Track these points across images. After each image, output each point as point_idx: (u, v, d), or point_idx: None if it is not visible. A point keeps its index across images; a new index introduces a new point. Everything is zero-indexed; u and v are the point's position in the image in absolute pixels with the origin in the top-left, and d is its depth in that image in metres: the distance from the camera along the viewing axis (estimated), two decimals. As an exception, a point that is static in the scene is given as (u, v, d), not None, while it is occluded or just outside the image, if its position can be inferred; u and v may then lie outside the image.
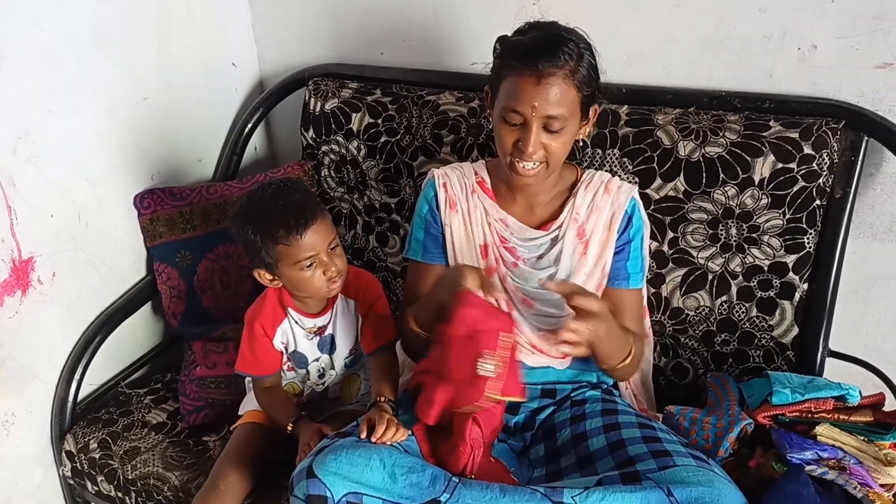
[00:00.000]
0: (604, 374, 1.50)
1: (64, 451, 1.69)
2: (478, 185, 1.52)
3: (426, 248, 1.54)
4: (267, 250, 1.37)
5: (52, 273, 1.66)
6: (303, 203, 1.37)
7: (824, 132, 1.48)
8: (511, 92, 1.31)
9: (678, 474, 1.16)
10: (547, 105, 1.28)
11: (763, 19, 1.56)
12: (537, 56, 1.27)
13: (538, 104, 1.28)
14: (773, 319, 1.56)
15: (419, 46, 1.92)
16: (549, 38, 1.30)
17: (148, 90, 1.83)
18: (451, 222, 1.51)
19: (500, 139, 1.36)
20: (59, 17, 1.59)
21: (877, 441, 1.31)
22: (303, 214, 1.35)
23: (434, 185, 1.53)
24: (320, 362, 1.54)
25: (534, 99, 1.28)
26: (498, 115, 1.35)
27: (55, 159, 1.62)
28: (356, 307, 1.52)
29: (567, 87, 1.29)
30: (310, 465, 1.17)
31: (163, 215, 1.81)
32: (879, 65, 1.50)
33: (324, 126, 1.92)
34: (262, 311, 1.49)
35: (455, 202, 1.51)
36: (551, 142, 1.32)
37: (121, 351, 1.85)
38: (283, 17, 2.08)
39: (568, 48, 1.28)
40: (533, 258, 1.48)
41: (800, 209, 1.50)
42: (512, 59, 1.31)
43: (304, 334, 1.51)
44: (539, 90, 1.28)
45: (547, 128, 1.31)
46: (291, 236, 1.35)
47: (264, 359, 1.50)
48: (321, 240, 1.37)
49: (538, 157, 1.34)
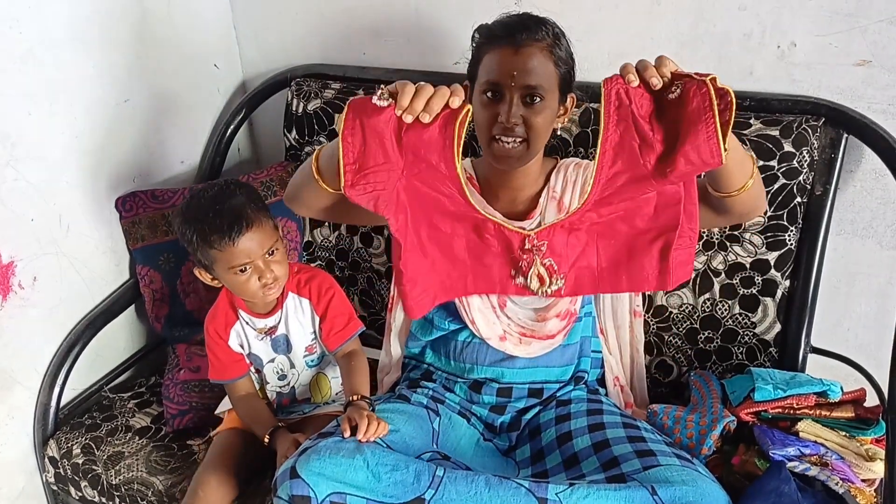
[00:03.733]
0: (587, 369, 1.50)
1: (47, 457, 1.68)
2: (468, 181, 1.50)
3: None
4: (203, 252, 1.38)
5: (34, 277, 1.65)
6: (240, 208, 1.37)
7: (804, 130, 1.49)
8: (490, 67, 1.31)
9: (662, 473, 1.16)
10: (525, 75, 1.28)
11: (742, 17, 1.56)
12: (516, 30, 1.29)
13: (517, 73, 1.28)
14: (755, 316, 1.57)
15: (401, 46, 1.92)
16: (526, 17, 1.33)
17: (128, 92, 1.81)
18: None
19: (480, 118, 1.34)
20: (37, 18, 1.57)
21: (858, 437, 1.32)
22: (238, 220, 1.35)
23: None
24: (277, 363, 1.55)
25: (512, 68, 1.28)
26: (477, 95, 1.34)
27: (34, 162, 1.61)
28: (311, 307, 1.52)
29: (545, 60, 1.30)
30: (293, 465, 1.16)
31: (145, 218, 1.80)
32: (858, 62, 1.51)
33: (307, 127, 1.92)
34: (216, 314, 1.51)
35: None
36: (530, 116, 1.30)
37: (104, 355, 1.84)
38: (265, 17, 2.07)
39: (546, 27, 1.31)
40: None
41: (781, 206, 1.51)
42: (490, 37, 1.32)
43: (256, 335, 1.52)
44: (517, 59, 1.28)
45: (525, 100, 1.30)
46: (224, 242, 1.35)
47: (228, 361, 1.51)
48: (256, 247, 1.38)
49: (519, 131, 1.31)
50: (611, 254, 1.32)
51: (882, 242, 1.61)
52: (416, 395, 1.46)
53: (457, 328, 1.49)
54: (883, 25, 1.46)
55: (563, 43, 1.33)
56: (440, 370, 1.52)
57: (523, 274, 1.35)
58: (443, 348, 1.51)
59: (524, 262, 1.34)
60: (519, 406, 1.47)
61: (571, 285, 1.36)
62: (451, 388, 1.50)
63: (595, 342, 1.54)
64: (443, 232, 1.31)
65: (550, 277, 1.35)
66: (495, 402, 1.47)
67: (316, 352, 1.56)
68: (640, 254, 1.30)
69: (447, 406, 1.46)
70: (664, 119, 1.12)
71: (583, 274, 1.35)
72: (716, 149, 1.07)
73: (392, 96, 1.10)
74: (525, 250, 1.33)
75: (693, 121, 1.07)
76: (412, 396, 1.45)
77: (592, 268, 1.34)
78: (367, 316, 1.93)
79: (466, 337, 1.48)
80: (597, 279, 1.35)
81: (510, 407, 1.47)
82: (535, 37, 1.29)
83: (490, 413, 1.47)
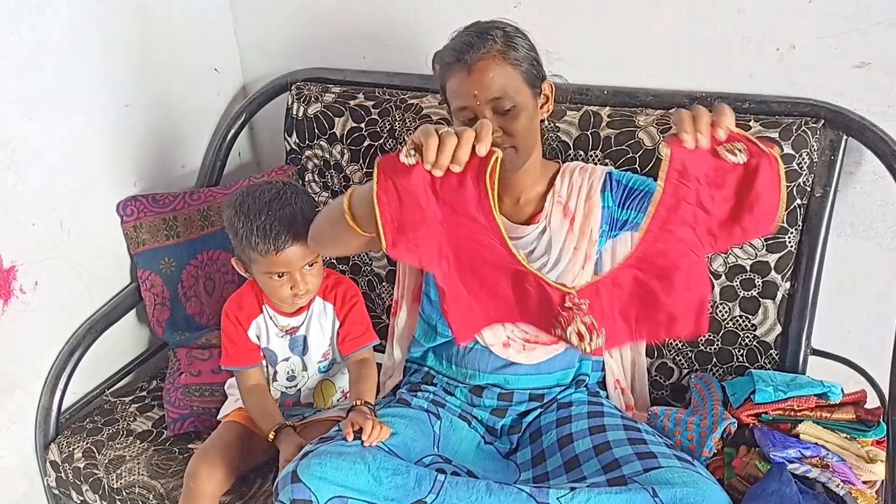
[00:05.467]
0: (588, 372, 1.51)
1: (48, 461, 1.68)
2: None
3: None
4: (244, 250, 1.41)
5: (35, 282, 1.65)
6: (291, 218, 1.38)
7: (804, 132, 1.49)
8: (453, 92, 1.33)
9: (663, 475, 1.17)
10: (485, 90, 1.29)
11: (741, 20, 1.56)
12: (463, 50, 1.30)
13: (478, 92, 1.29)
14: (756, 318, 1.57)
15: (401, 50, 1.92)
16: (469, 32, 1.33)
17: (129, 97, 1.82)
18: None
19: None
20: (38, 24, 1.58)
21: (859, 438, 1.32)
22: (286, 231, 1.37)
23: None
24: (290, 363, 1.56)
25: (472, 89, 1.29)
26: (454, 120, 1.37)
27: (35, 167, 1.61)
28: (334, 311, 1.53)
29: (501, 67, 1.30)
30: (294, 469, 1.17)
31: (146, 222, 1.80)
32: (857, 64, 1.51)
33: (307, 131, 1.92)
34: (241, 303, 1.52)
35: None
36: (508, 124, 1.31)
37: (105, 359, 1.84)
38: (266, 22, 2.07)
39: (490, 34, 1.31)
40: (524, 253, 1.46)
41: (781, 208, 1.51)
42: (444, 64, 1.35)
43: (277, 332, 1.53)
44: (473, 78, 1.29)
45: (497, 111, 1.31)
46: (268, 248, 1.37)
47: (244, 349, 1.52)
48: (297, 259, 1.40)
49: (503, 141, 1.32)
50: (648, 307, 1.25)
51: (882, 244, 1.61)
52: (417, 398, 1.46)
53: None
54: (882, 28, 1.46)
55: (518, 41, 1.33)
56: (441, 374, 1.52)
57: (562, 328, 1.27)
58: (444, 353, 1.51)
59: (563, 318, 1.26)
60: (520, 409, 1.47)
61: (610, 339, 1.27)
62: (451, 391, 1.50)
63: None
64: (486, 278, 1.26)
65: (591, 335, 1.26)
66: (496, 406, 1.47)
67: (329, 358, 1.58)
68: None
69: (448, 409, 1.46)
70: (723, 185, 1.07)
71: (620, 327, 1.26)
72: (773, 223, 1.07)
73: (418, 150, 1.08)
74: (565, 308, 1.24)
75: (761, 197, 1.05)
76: (413, 400, 1.45)
77: (630, 321, 1.26)
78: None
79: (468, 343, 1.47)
80: (633, 332, 1.26)
81: (511, 410, 1.47)
82: (482, 51, 1.29)
83: (491, 416, 1.47)
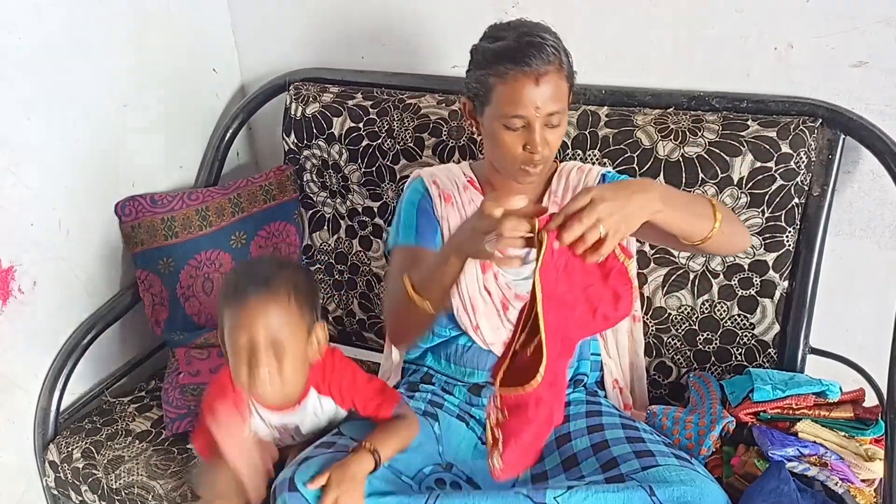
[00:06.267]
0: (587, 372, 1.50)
1: (47, 462, 1.68)
2: (468, 184, 1.49)
3: (419, 232, 1.42)
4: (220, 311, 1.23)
5: (33, 282, 1.65)
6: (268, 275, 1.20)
7: (801, 131, 1.49)
8: (510, 98, 1.27)
9: (661, 473, 1.17)
10: (548, 103, 1.27)
11: (739, 19, 1.57)
12: (530, 56, 1.24)
13: (541, 104, 1.26)
14: (754, 317, 1.57)
15: (399, 50, 1.92)
16: (531, 37, 1.28)
17: (127, 97, 1.82)
18: (447, 215, 1.44)
19: (505, 147, 1.31)
20: (36, 24, 1.58)
21: (857, 437, 1.32)
22: (258, 284, 1.19)
23: (423, 181, 1.48)
24: (277, 436, 1.39)
25: (536, 100, 1.26)
26: (496, 123, 1.31)
27: (34, 167, 1.61)
28: (334, 404, 1.35)
29: (560, 81, 1.29)
30: (291, 476, 1.17)
31: (144, 222, 1.80)
32: (855, 63, 1.51)
33: (305, 131, 1.92)
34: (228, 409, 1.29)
35: (449, 196, 1.46)
36: (550, 136, 1.31)
37: (104, 359, 1.84)
38: (264, 22, 2.07)
39: (552, 43, 1.28)
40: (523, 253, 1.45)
41: (778, 208, 1.51)
42: (501, 64, 1.27)
43: (264, 425, 1.35)
44: (539, 90, 1.26)
45: (548, 124, 1.30)
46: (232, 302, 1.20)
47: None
48: (255, 326, 1.18)
49: (545, 154, 1.32)
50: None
51: (880, 243, 1.61)
52: (415, 400, 1.46)
53: (457, 334, 1.48)
54: (880, 27, 1.47)
55: (566, 52, 1.31)
56: (440, 373, 1.52)
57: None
58: (443, 352, 1.51)
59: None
60: None
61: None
62: (450, 390, 1.49)
63: (594, 345, 1.54)
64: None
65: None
66: None
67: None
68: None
69: (446, 410, 1.46)
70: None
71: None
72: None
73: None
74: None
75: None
76: (410, 403, 1.45)
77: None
78: (367, 319, 1.93)
79: (467, 341, 1.47)
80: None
81: None
82: (548, 59, 1.25)
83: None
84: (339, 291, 1.95)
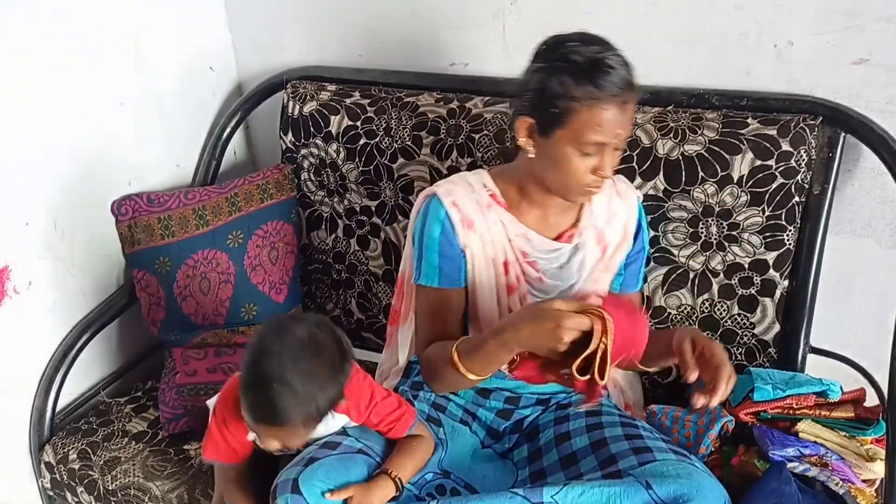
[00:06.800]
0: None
1: (43, 463, 1.67)
2: (491, 199, 1.39)
3: (444, 273, 1.38)
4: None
5: (29, 282, 1.64)
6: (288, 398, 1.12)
7: (802, 129, 1.49)
8: (594, 124, 1.21)
9: (658, 468, 1.18)
10: (627, 126, 1.25)
11: (739, 16, 1.56)
12: (621, 84, 1.20)
13: (621, 131, 1.23)
14: (754, 317, 1.57)
15: (397, 48, 1.91)
16: (612, 58, 1.21)
17: (123, 95, 1.81)
18: (469, 243, 1.37)
19: (576, 172, 1.26)
20: (30, 22, 1.57)
21: (858, 437, 1.32)
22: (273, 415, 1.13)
23: (442, 204, 1.36)
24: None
25: (618, 126, 1.22)
26: (569, 148, 1.24)
27: (29, 166, 1.60)
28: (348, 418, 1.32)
29: (634, 105, 1.26)
30: (296, 477, 1.16)
31: (140, 222, 1.79)
32: (855, 61, 1.50)
33: (303, 129, 1.91)
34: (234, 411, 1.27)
35: (471, 221, 1.36)
36: (616, 157, 1.29)
37: (100, 360, 1.84)
38: (261, 20, 2.06)
39: (629, 65, 1.23)
40: (554, 269, 1.41)
41: (779, 206, 1.51)
42: (586, 89, 1.19)
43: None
44: (622, 116, 1.22)
45: (616, 147, 1.27)
46: (253, 423, 1.17)
47: (236, 447, 1.32)
48: (277, 438, 1.20)
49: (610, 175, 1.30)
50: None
51: (881, 241, 1.60)
52: (419, 401, 1.45)
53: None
54: (880, 24, 1.46)
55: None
56: None
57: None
58: None
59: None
60: (525, 413, 1.46)
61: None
62: (456, 391, 1.48)
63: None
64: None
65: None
66: (502, 408, 1.46)
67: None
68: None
69: (448, 415, 1.45)
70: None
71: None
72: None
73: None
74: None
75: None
76: (414, 403, 1.44)
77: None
78: (365, 318, 1.92)
79: None
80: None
81: (517, 413, 1.46)
82: (631, 83, 1.21)
83: (496, 418, 1.46)
84: (336, 291, 1.95)
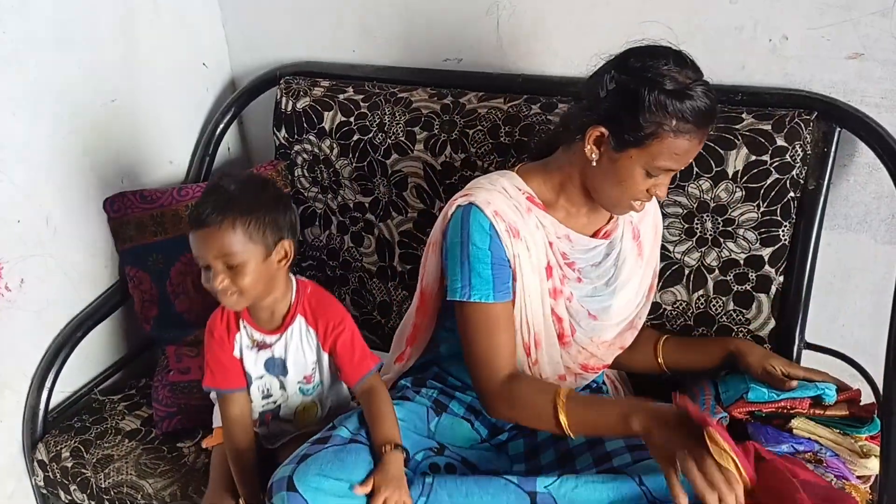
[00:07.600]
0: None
1: (36, 461, 1.67)
2: (528, 202, 1.35)
3: (497, 285, 1.30)
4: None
5: (21, 279, 1.63)
6: (226, 202, 1.24)
7: (797, 124, 1.48)
8: (673, 150, 1.21)
9: (651, 464, 1.19)
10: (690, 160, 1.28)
11: (734, 11, 1.55)
12: (710, 118, 1.22)
13: (692, 158, 1.27)
14: (749, 313, 1.56)
15: (391, 43, 1.90)
16: (709, 87, 1.22)
17: (115, 92, 1.80)
18: (518, 252, 1.31)
19: (634, 188, 1.26)
20: (21, 19, 1.56)
21: (852, 434, 1.31)
22: (212, 211, 1.23)
23: (483, 213, 1.29)
24: (264, 381, 1.41)
25: (692, 155, 1.25)
26: (638, 167, 1.23)
27: (20, 164, 1.60)
28: (317, 339, 1.38)
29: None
30: (291, 475, 1.15)
31: (133, 219, 1.78)
32: (850, 55, 1.49)
33: (296, 125, 1.90)
34: (219, 320, 1.39)
35: (517, 230, 1.31)
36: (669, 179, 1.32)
37: (93, 357, 1.83)
38: (254, 15, 2.05)
39: (716, 98, 1.24)
40: (589, 267, 1.40)
41: (774, 201, 1.50)
42: (681, 116, 1.18)
43: (248, 343, 1.39)
44: (699, 147, 1.25)
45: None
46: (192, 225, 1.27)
47: (231, 367, 1.38)
48: (209, 248, 1.24)
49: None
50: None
51: (876, 237, 1.59)
52: (420, 396, 1.45)
53: None
54: (875, 18, 1.45)
55: None
56: (456, 378, 1.49)
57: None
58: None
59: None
60: None
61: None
62: (464, 391, 1.47)
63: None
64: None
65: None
66: None
67: (314, 381, 1.43)
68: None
69: (450, 413, 1.44)
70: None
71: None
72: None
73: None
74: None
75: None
76: (415, 398, 1.44)
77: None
78: (359, 316, 1.91)
79: None
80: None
81: None
82: (716, 120, 1.25)
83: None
84: (330, 288, 1.94)
